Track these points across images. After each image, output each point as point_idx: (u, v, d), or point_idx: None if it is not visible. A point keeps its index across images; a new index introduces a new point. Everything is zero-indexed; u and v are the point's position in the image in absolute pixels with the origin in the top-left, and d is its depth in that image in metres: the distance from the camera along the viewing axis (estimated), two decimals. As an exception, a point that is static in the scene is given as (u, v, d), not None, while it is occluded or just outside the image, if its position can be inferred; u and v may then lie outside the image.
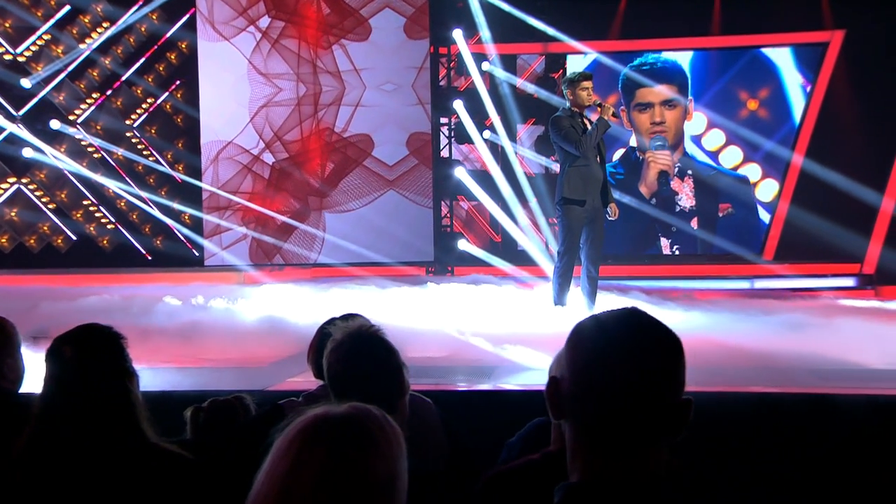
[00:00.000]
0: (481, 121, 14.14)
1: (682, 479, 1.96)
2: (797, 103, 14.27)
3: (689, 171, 14.50)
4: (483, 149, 14.13)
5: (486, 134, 14.17)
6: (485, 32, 13.87)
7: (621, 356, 1.92)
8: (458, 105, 14.00)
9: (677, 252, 14.46)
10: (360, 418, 1.96)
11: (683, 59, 14.55)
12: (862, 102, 13.44)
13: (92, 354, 3.04)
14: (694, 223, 14.41)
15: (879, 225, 13.20)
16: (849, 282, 12.85)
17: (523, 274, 12.61)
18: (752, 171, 14.36)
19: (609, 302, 9.57)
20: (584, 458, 1.96)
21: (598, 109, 8.73)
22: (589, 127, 8.82)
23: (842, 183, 12.69)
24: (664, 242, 14.46)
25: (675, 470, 1.95)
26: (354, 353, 3.12)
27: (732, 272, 13.62)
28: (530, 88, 14.40)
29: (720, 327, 8.36)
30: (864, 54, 13.46)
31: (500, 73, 14.15)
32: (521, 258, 13.66)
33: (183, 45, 14.32)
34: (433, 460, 3.49)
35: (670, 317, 8.54)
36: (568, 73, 9.20)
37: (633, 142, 14.62)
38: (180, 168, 14.34)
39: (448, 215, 14.27)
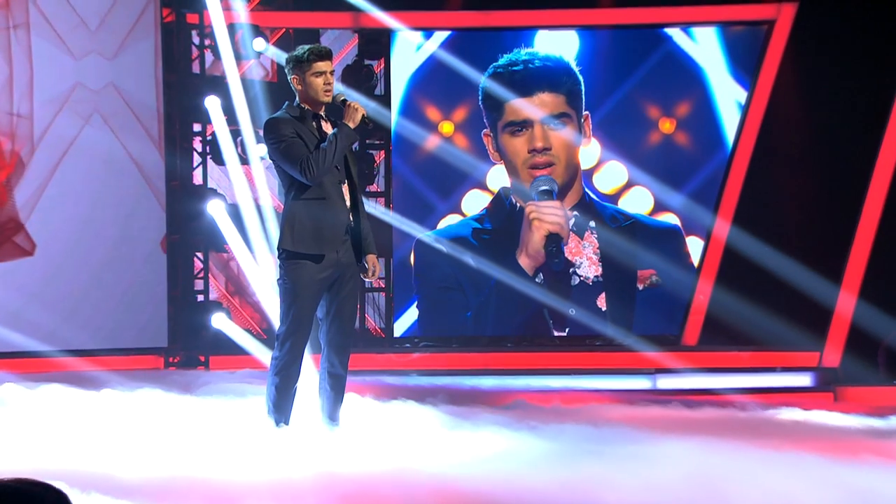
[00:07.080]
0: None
1: None
2: (730, 124, 11.54)
3: (592, 225, 11.47)
4: (237, 172, 10.21)
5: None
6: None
7: None
8: (213, 105, 10.01)
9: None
10: None
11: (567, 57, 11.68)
12: (818, 123, 10.91)
13: None
14: (601, 302, 11.41)
15: (838, 320, 10.76)
16: (804, 380, 10.35)
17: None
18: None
19: (375, 413, 7.12)
20: None
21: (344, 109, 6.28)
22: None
23: (788, 270, 10.39)
24: (559, 333, 11.56)
25: None
26: None
27: (643, 364, 10.64)
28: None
29: (516, 456, 5.96)
30: (824, 41, 10.92)
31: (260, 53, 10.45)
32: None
33: None
34: None
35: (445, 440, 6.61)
36: (296, 50, 6.26)
37: (492, 179, 11.48)
38: None
39: (202, 274, 10.17)
